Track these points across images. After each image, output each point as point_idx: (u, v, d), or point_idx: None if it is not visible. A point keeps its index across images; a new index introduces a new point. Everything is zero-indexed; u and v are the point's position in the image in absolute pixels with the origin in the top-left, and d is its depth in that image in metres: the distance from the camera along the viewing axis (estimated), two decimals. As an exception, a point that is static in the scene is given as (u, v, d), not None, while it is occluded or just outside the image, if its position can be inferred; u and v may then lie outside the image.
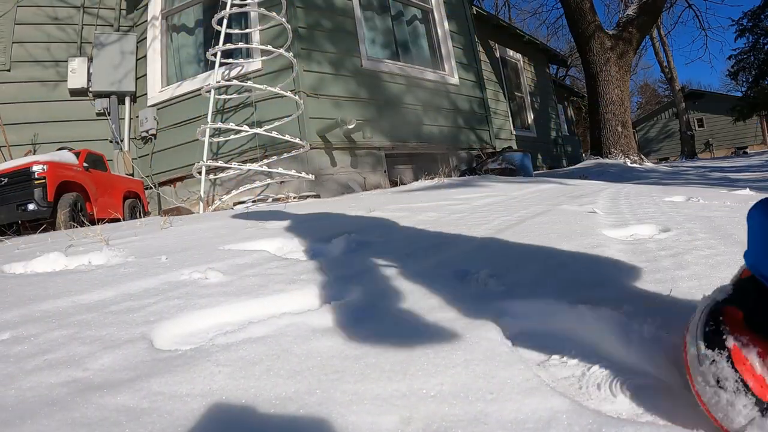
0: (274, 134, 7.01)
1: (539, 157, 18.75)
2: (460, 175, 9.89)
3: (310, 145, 7.49)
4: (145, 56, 9.32)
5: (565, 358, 1.32)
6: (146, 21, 9.44)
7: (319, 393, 1.04)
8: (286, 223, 3.69)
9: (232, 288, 1.88)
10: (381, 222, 3.49)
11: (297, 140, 7.19)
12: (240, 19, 8.63)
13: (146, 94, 9.19)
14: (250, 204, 6.89)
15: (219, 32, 7.51)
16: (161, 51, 9.33)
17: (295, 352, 1.26)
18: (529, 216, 3.54)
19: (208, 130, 7.16)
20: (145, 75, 9.27)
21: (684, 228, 2.86)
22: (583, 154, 24.69)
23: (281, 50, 7.32)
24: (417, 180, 8.63)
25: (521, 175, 9.64)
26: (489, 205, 4.45)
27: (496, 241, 2.55)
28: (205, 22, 8.92)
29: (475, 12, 15.62)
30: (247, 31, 8.30)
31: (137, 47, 9.49)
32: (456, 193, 5.62)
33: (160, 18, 9.39)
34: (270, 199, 7.21)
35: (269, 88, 7.21)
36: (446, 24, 11.40)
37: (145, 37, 9.38)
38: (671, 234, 2.73)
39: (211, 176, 7.75)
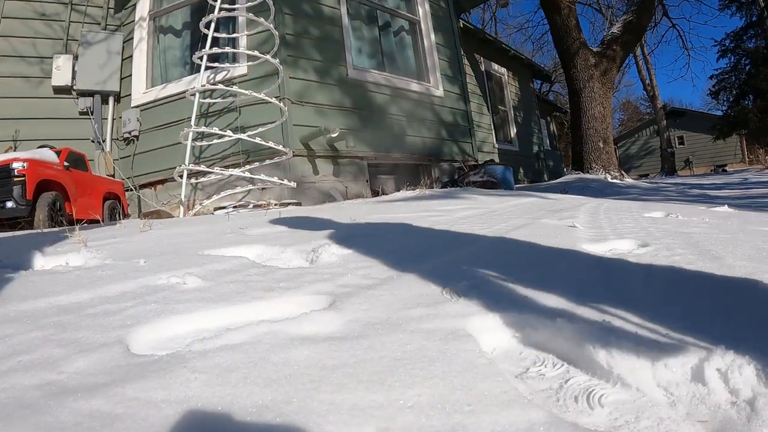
0: (257, 140, 6.97)
1: (521, 170, 18.83)
2: (441, 187, 9.91)
3: (293, 152, 7.45)
4: (131, 56, 9.19)
5: (543, 371, 1.34)
6: (134, 21, 9.31)
7: (296, 402, 1.04)
8: (266, 230, 3.69)
9: (210, 294, 1.88)
10: (362, 231, 3.49)
11: (280, 147, 7.15)
12: (228, 23, 8.55)
13: (130, 94, 9.06)
14: (231, 210, 6.84)
15: (206, 35, 7.47)
16: (147, 52, 9.21)
17: (273, 360, 1.25)
18: (510, 229, 3.56)
19: (191, 134, 7.11)
20: (130, 75, 9.14)
21: (663, 243, 2.91)
22: (565, 169, 24.87)
23: (268, 56, 7.29)
24: (399, 190, 8.62)
25: (502, 188, 9.65)
26: (470, 217, 4.47)
27: (477, 254, 2.55)
28: (193, 24, 8.84)
29: (461, 25, 15.68)
30: (234, 35, 8.22)
31: (123, 47, 9.35)
32: (437, 205, 5.64)
33: (147, 19, 9.27)
34: (251, 206, 7.16)
35: (254, 94, 7.17)
36: (433, 36, 11.38)
37: (132, 38, 9.25)
38: (650, 249, 2.78)
39: (193, 180, 7.66)
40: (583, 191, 11.96)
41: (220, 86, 7.52)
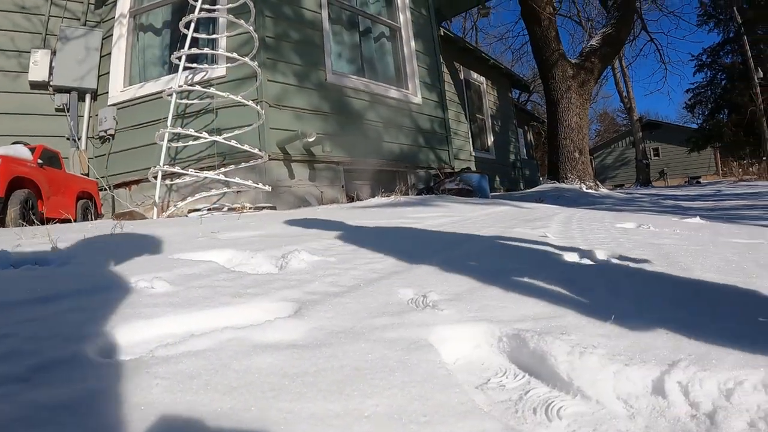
0: (233, 143, 6.96)
1: (497, 179, 18.96)
2: (417, 194, 9.94)
3: (269, 156, 7.45)
4: (110, 54, 9.09)
5: (503, 382, 1.37)
6: (114, 18, 9.21)
7: (255, 410, 1.04)
8: (238, 234, 3.69)
9: (177, 299, 1.87)
10: (333, 238, 3.52)
11: (256, 150, 7.14)
12: (208, 24, 8.51)
13: (107, 92, 8.95)
14: (205, 212, 6.80)
15: (185, 35, 7.43)
16: (126, 50, 9.11)
17: (234, 367, 1.26)
18: (480, 239, 3.57)
19: (166, 135, 7.06)
20: (108, 73, 9.03)
21: (633, 254, 2.96)
22: (541, 178, 25.09)
23: (246, 59, 7.27)
24: (374, 196, 8.63)
25: (478, 197, 9.69)
26: (443, 225, 4.49)
27: (448, 263, 2.58)
28: (173, 23, 8.77)
29: (442, 33, 15.78)
30: (213, 36, 8.17)
31: (102, 44, 9.24)
32: (411, 212, 5.67)
33: (128, 16, 9.19)
34: (225, 209, 7.12)
35: (231, 96, 7.15)
36: (413, 43, 11.41)
37: (112, 35, 9.15)
38: (618, 261, 2.83)
39: (168, 182, 7.59)
40: (558, 200, 12.06)
41: (198, 88, 7.48)
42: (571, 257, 2.99)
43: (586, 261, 2.95)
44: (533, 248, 3.16)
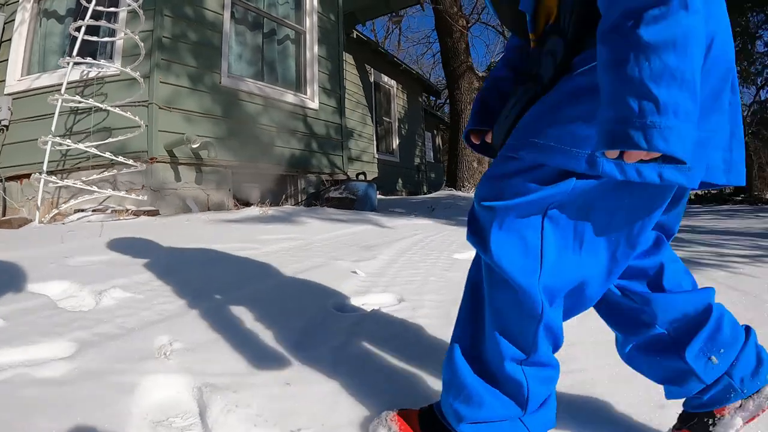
0: (107, 155, 7.15)
1: (400, 181, 19.58)
2: (305, 198, 10.33)
3: (152, 160, 7.66)
4: (10, 40, 8.96)
5: (177, 422, 1.80)
6: (18, 2, 9.08)
7: (3, 423, 1.66)
8: (87, 258, 4.01)
9: (3, 336, 2.34)
10: (161, 267, 3.75)
11: (130, 161, 7.31)
12: (108, 19, 8.16)
13: (5, 81, 8.83)
14: (90, 213, 6.98)
15: (85, 30, 7.52)
16: (27, 37, 9.03)
17: (11, 395, 1.83)
18: (290, 274, 3.83)
19: (50, 142, 7.18)
20: (7, 60, 8.92)
21: (421, 300, 3.15)
22: (446, 180, 25.96)
23: (128, 69, 7.42)
24: (263, 200, 9.00)
25: (361, 206, 9.99)
26: (277, 252, 4.80)
27: (219, 309, 2.89)
28: (77, 12, 8.63)
29: (354, 35, 16.22)
30: (106, 39, 8.20)
31: (4, 28, 9.07)
32: (264, 232, 5.91)
33: (32, 1, 9.10)
34: (110, 210, 7.23)
35: (109, 108, 7.31)
36: (316, 48, 11.55)
37: (14, 20, 9.01)
38: (396, 307, 3.00)
39: (52, 184, 7.51)
40: (450, 208, 12.56)
41: (79, 98, 7.54)
42: (357, 300, 3.19)
43: (367, 305, 3.10)
44: (320, 290, 3.38)
